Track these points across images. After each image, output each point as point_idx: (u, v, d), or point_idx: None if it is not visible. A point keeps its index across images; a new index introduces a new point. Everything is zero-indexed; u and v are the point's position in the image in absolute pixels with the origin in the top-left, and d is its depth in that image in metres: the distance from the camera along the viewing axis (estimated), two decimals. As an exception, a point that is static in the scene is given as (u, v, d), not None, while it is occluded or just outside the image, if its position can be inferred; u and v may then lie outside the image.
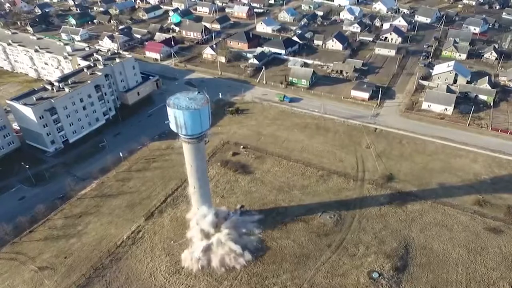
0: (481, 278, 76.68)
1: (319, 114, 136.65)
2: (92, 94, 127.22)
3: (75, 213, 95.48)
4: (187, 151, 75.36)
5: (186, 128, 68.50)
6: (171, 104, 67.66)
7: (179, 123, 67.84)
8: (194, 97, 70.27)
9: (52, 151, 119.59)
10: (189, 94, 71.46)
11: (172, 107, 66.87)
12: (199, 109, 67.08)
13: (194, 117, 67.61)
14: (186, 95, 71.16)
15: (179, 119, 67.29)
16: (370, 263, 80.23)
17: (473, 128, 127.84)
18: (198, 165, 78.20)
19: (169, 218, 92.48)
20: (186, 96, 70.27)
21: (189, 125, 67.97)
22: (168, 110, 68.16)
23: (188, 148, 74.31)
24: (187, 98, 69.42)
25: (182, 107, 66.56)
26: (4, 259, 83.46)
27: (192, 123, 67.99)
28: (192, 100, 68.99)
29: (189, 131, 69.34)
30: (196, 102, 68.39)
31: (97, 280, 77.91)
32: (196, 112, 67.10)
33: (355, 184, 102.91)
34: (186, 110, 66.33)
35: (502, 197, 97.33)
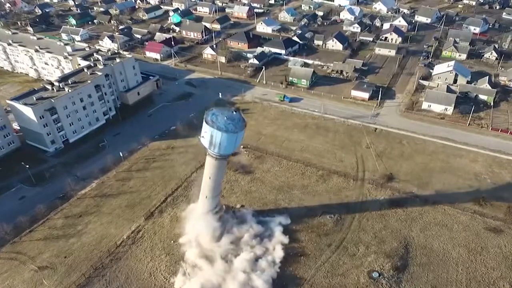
0: (481, 278, 76.65)
1: (319, 114, 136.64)
2: (92, 94, 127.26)
3: (75, 212, 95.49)
4: (210, 165, 74.56)
5: (219, 148, 68.32)
6: (210, 122, 66.56)
7: (214, 142, 67.43)
8: (231, 116, 69.69)
9: (52, 151, 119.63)
10: (225, 112, 70.66)
11: (210, 126, 65.78)
12: (237, 133, 67.42)
13: (231, 140, 67.78)
14: (223, 113, 70.13)
15: (216, 139, 66.82)
16: (370, 262, 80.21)
17: (473, 128, 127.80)
18: (217, 178, 77.89)
19: (169, 218, 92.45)
20: (223, 115, 69.13)
21: (224, 146, 67.84)
22: (204, 126, 66.98)
23: (213, 163, 73.52)
24: (225, 118, 68.46)
25: (222, 129, 65.83)
26: (4, 258, 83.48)
27: (228, 144, 67.99)
28: (230, 121, 68.34)
29: (222, 151, 69.19)
30: (234, 123, 68.01)
31: (97, 280, 77.91)
32: (234, 136, 67.56)
33: (355, 184, 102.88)
34: (225, 132, 65.87)
35: (502, 197, 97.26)
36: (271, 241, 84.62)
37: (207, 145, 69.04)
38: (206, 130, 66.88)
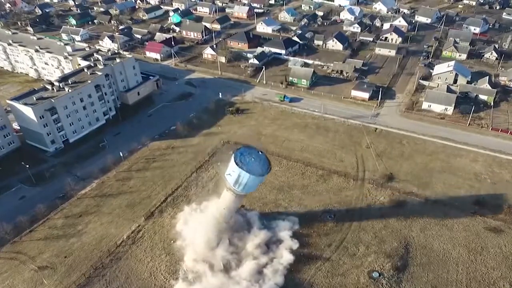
0: (481, 278, 76.61)
1: (319, 114, 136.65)
2: (92, 94, 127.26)
3: (75, 212, 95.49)
4: (228, 200, 76.31)
5: (244, 188, 71.02)
6: (239, 163, 68.65)
7: (240, 182, 69.85)
8: (258, 157, 72.38)
9: (52, 151, 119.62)
10: (252, 151, 72.97)
11: (240, 167, 67.96)
12: (264, 175, 70.64)
13: (257, 181, 71.31)
14: (250, 152, 72.52)
15: (243, 179, 69.21)
16: (370, 262, 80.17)
17: (474, 128, 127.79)
18: (232, 210, 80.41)
19: (169, 218, 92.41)
20: (251, 155, 71.62)
21: (249, 186, 70.96)
22: (233, 166, 68.92)
23: (232, 198, 75.73)
24: (252, 159, 71.12)
25: (250, 171, 68.25)
26: (4, 258, 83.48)
27: (253, 185, 71.47)
28: (257, 162, 71.19)
29: (245, 191, 72.36)
30: (260, 165, 70.84)
31: (97, 280, 77.90)
32: (261, 178, 70.94)
33: (355, 184, 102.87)
34: (253, 174, 68.40)
35: (502, 197, 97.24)
36: (279, 247, 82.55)
37: (232, 183, 71.26)
38: (234, 170, 69.15)
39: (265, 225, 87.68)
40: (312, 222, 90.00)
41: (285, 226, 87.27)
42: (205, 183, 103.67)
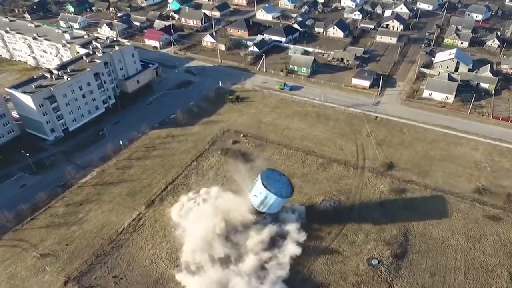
0: (479, 265, 77.25)
1: (320, 102, 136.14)
2: (92, 82, 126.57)
3: (76, 201, 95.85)
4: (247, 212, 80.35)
5: (268, 208, 75.63)
6: (267, 186, 72.83)
7: (265, 203, 74.47)
8: (281, 179, 77.71)
9: (52, 139, 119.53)
10: (276, 174, 78.79)
11: (268, 190, 72.24)
12: (288, 198, 76.19)
13: (281, 203, 76.41)
14: (274, 175, 77.82)
15: (269, 200, 73.77)
16: (370, 250, 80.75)
17: (474, 116, 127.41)
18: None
19: (170, 206, 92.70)
20: (275, 178, 76.84)
21: (273, 207, 75.80)
22: (259, 188, 73.47)
23: (251, 213, 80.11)
24: (277, 181, 76.39)
25: (277, 193, 73.02)
26: (7, 246, 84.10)
27: (277, 206, 76.34)
28: (281, 185, 76.31)
29: (268, 211, 77.09)
30: (285, 188, 76.09)
31: (99, 267, 78.61)
32: (286, 200, 76.45)
33: (355, 172, 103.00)
34: (280, 197, 73.11)
35: (502, 185, 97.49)
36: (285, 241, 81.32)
37: (257, 204, 75.58)
38: (261, 191, 73.31)
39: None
40: (311, 210, 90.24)
41: (292, 218, 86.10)
42: (205, 172, 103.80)
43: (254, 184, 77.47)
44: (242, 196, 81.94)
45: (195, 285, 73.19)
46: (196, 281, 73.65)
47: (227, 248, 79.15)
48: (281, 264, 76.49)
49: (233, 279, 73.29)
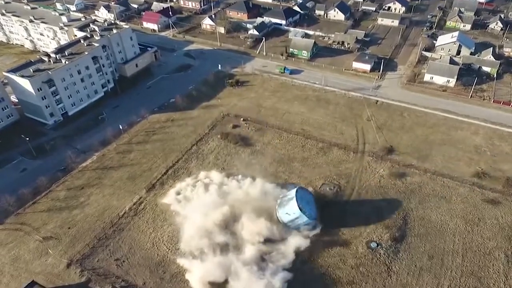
0: (477, 248, 78.19)
1: (320, 86, 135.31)
2: (90, 66, 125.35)
3: (77, 185, 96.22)
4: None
5: (295, 226, 79.23)
6: (302, 208, 76.59)
7: (295, 222, 78.26)
8: (309, 200, 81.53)
9: (51, 124, 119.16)
10: (306, 194, 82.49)
11: (303, 212, 76.26)
12: (315, 220, 79.76)
13: (308, 224, 78.98)
14: (305, 195, 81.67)
15: (299, 221, 77.81)
16: (369, 233, 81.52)
17: (475, 100, 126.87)
18: None
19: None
20: (307, 199, 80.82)
21: (300, 226, 79.13)
22: (294, 208, 76.79)
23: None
24: (308, 202, 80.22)
25: (309, 216, 77.51)
26: (9, 229, 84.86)
27: (303, 225, 79.12)
28: (311, 206, 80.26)
29: (295, 228, 79.85)
30: (313, 209, 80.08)
31: (101, 250, 79.53)
32: (314, 222, 79.69)
33: (355, 157, 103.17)
34: (310, 218, 77.54)
35: (501, 169, 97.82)
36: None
37: (286, 221, 78.45)
38: (295, 212, 76.70)
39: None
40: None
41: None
42: (205, 156, 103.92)
43: (287, 201, 79.15)
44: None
45: (196, 269, 73.61)
46: (197, 264, 74.20)
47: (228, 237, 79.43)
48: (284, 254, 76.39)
49: (234, 263, 73.73)
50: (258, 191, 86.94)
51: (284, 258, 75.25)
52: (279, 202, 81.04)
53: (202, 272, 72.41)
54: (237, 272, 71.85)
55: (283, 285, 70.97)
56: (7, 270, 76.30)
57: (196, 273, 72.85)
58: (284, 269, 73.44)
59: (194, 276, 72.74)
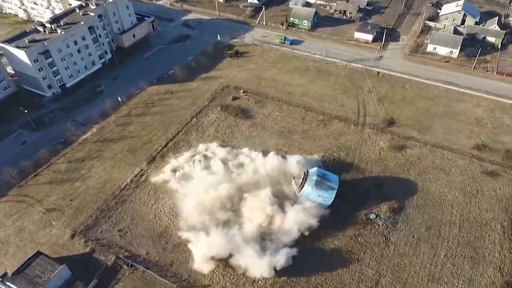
0: (474, 219, 79.41)
1: (321, 57, 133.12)
2: (86, 36, 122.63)
3: (78, 157, 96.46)
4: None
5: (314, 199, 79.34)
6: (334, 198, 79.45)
7: (312, 200, 78.94)
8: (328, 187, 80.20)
9: (49, 96, 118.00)
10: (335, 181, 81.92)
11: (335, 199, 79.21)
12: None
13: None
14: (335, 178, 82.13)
15: (323, 203, 78.94)
16: (368, 205, 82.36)
17: (478, 72, 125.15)
18: None
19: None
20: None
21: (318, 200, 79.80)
22: (330, 195, 78.99)
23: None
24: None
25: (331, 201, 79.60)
26: (13, 201, 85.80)
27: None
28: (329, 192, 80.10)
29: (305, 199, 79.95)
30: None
31: (104, 221, 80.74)
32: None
33: (356, 129, 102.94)
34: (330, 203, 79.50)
35: (501, 141, 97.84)
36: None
37: (310, 197, 78.35)
38: (327, 199, 78.95)
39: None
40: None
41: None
42: (205, 128, 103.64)
43: (327, 188, 79.18)
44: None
45: (199, 241, 73.82)
46: (200, 237, 74.44)
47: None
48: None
49: (237, 236, 73.30)
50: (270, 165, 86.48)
51: (286, 235, 74.35)
52: (315, 179, 78.40)
53: (204, 242, 72.75)
54: (240, 247, 71.54)
55: (288, 260, 70.80)
56: (13, 241, 77.78)
57: (199, 244, 73.26)
58: (287, 246, 72.82)
59: (197, 246, 73.37)
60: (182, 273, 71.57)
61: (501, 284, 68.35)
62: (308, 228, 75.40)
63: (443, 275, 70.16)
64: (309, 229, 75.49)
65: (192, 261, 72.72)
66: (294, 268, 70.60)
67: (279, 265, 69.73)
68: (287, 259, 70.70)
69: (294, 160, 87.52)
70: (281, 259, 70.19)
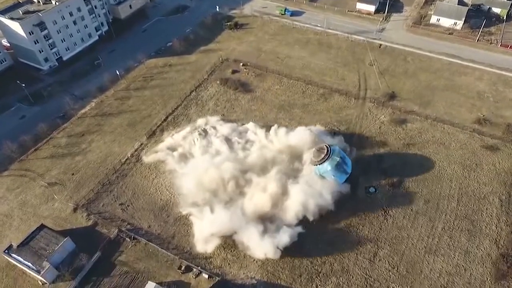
0: (472, 193, 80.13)
1: (322, 29, 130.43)
2: (82, 7, 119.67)
3: (78, 131, 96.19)
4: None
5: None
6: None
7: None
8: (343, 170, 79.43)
9: (46, 69, 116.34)
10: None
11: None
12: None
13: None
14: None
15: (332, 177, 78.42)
16: (368, 178, 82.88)
17: (482, 44, 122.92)
18: None
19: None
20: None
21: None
22: (342, 179, 78.98)
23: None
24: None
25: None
26: (14, 175, 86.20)
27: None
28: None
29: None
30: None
31: (106, 195, 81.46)
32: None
33: (356, 103, 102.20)
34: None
35: (503, 115, 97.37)
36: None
37: (325, 175, 77.85)
38: (340, 182, 78.90)
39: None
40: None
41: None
42: (205, 102, 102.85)
43: (342, 172, 78.56)
44: None
45: (202, 217, 73.62)
46: (203, 212, 74.31)
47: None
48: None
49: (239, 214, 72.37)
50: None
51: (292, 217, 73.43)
52: (338, 161, 77.68)
53: (207, 219, 72.25)
54: (242, 226, 70.57)
55: (293, 237, 70.45)
56: (16, 214, 78.73)
57: (202, 221, 73.00)
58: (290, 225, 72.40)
59: (199, 223, 73.16)
60: (184, 246, 72.89)
61: (496, 256, 69.82)
62: (322, 209, 74.50)
63: (440, 247, 71.56)
64: (323, 210, 74.68)
65: (193, 237, 72.89)
66: (294, 242, 70.90)
67: (281, 244, 69.08)
68: (291, 237, 69.80)
69: (305, 131, 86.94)
70: (284, 238, 69.30)
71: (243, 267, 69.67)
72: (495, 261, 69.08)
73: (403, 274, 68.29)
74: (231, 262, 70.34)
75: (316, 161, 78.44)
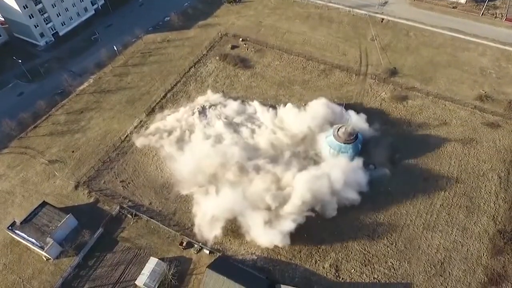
0: (471, 170, 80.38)
1: (323, 3, 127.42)
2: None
3: (76, 109, 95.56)
4: None
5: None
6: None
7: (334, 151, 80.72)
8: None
9: (43, 45, 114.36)
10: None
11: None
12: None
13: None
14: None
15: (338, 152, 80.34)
16: (368, 155, 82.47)
17: (486, 18, 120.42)
18: None
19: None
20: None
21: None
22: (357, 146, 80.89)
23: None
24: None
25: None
26: (15, 153, 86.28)
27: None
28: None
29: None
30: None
31: (106, 172, 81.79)
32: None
33: (357, 79, 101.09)
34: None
35: (505, 92, 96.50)
36: None
37: (340, 154, 79.60)
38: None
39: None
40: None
41: None
42: (204, 79, 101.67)
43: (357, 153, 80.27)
44: None
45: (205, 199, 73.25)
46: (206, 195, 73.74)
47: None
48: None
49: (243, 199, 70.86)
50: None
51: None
52: (359, 148, 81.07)
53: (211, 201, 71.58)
54: (244, 212, 69.51)
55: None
56: (18, 191, 79.27)
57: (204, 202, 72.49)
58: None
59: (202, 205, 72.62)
60: (185, 222, 73.82)
61: (493, 232, 70.81)
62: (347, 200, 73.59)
63: (438, 224, 72.52)
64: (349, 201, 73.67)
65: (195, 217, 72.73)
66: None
67: (286, 230, 68.26)
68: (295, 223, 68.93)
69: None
70: (288, 225, 68.52)
71: (243, 243, 70.76)
72: (492, 237, 70.13)
73: (401, 250, 69.51)
74: (232, 238, 71.37)
75: (343, 138, 79.48)
